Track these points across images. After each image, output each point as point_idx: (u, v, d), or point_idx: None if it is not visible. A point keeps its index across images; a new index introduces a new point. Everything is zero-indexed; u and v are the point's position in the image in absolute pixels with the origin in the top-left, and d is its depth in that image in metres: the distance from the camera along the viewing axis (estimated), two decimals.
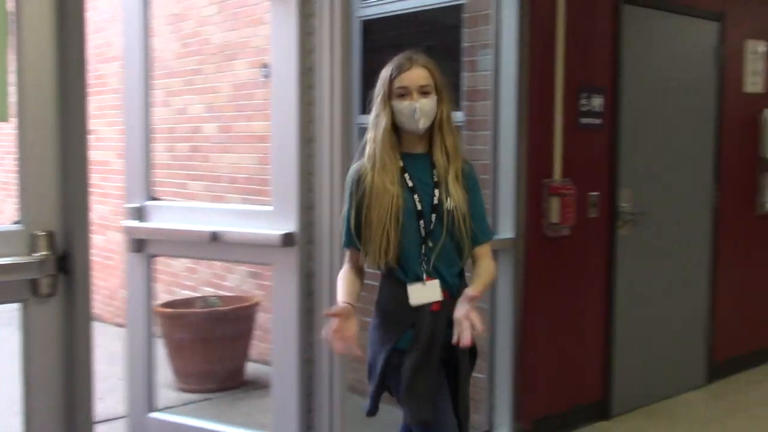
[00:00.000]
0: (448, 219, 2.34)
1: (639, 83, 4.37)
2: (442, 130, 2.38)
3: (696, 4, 4.69)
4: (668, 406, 4.61)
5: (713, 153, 4.87)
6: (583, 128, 4.10)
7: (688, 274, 4.84)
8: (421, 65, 2.37)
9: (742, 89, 5.05)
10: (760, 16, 5.16)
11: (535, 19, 3.83)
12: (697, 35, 4.75)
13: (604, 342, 4.33)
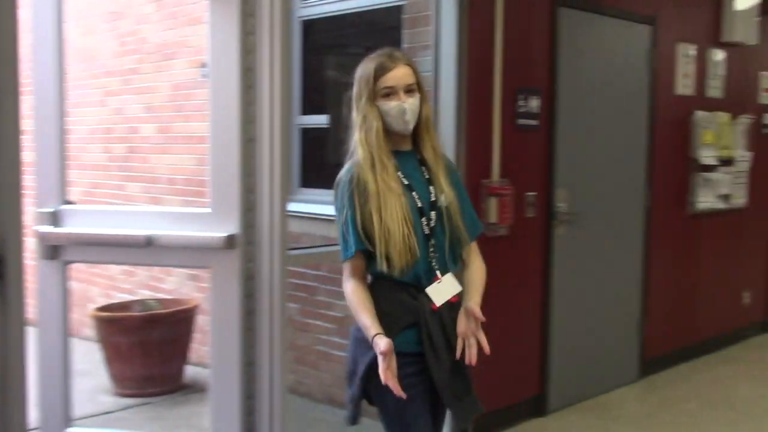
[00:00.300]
0: (447, 215, 2.30)
1: (575, 85, 4.46)
2: (428, 128, 2.36)
3: (629, 7, 4.81)
4: (603, 401, 4.72)
5: (646, 153, 4.99)
6: (520, 129, 4.17)
7: (622, 272, 4.96)
8: (405, 63, 2.31)
9: (673, 91, 5.19)
10: (691, 20, 5.32)
11: (474, 21, 3.87)
12: (631, 38, 4.87)
13: (541, 339, 4.41)
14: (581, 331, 4.65)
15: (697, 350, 5.59)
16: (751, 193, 5.95)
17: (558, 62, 4.32)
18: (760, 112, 6.06)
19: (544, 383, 4.43)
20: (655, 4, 5.00)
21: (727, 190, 5.66)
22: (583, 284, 4.64)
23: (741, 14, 5.54)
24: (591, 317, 4.71)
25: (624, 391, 4.91)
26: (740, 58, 5.78)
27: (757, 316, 6.28)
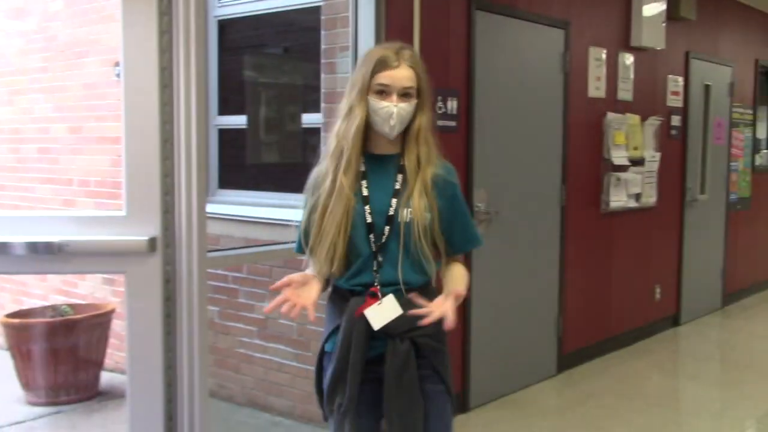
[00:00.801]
0: (406, 231, 2.11)
1: (491, 87, 4.53)
2: (417, 138, 2.17)
3: (543, 12, 4.92)
4: (523, 396, 4.81)
5: (561, 154, 5.12)
6: (439, 130, 4.19)
7: (539, 269, 5.07)
8: (409, 65, 2.15)
9: (586, 94, 5.33)
10: (602, 25, 5.47)
11: (391, 22, 3.90)
12: (545, 42, 4.99)
13: (461, 338, 4.46)
14: (501, 329, 4.73)
15: (611, 344, 5.76)
16: (661, 192, 6.17)
17: (475, 65, 4.38)
18: (668, 114, 6.28)
19: (465, 380, 4.49)
20: (568, 9, 5.12)
21: (638, 190, 5.85)
22: (501, 282, 4.72)
23: (649, 20, 5.74)
24: (510, 314, 4.80)
25: (543, 385, 5.02)
26: (649, 62, 5.99)
27: (668, 310, 6.51)
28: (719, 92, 7.05)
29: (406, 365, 2.12)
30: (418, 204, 2.12)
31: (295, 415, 4.37)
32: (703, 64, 6.77)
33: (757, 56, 7.79)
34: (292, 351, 4.38)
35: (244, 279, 4.55)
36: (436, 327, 2.09)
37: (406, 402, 2.11)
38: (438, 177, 2.18)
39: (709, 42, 6.90)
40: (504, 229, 4.66)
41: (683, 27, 6.38)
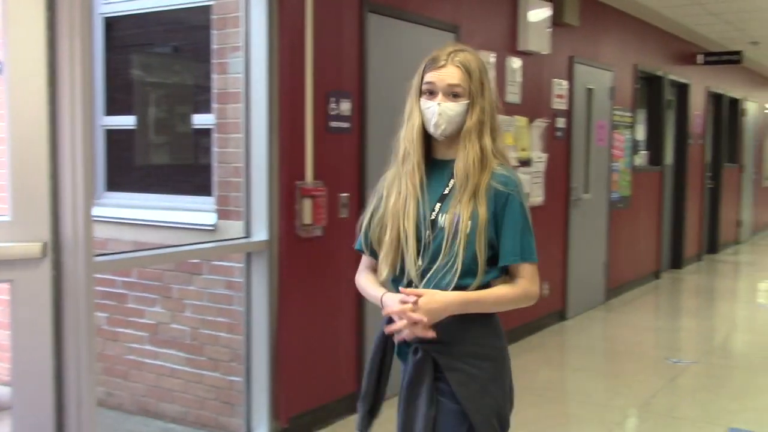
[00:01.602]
0: (446, 238, 2.04)
1: (384, 89, 4.57)
2: (466, 140, 2.07)
3: (434, 15, 5.00)
4: None
5: None
6: (332, 132, 4.22)
7: None
8: (458, 63, 2.09)
9: None
10: (491, 30, 5.62)
11: (284, 23, 3.88)
12: (436, 45, 5.02)
13: (357, 336, 4.49)
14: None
15: None
16: (547, 192, 6.38)
17: (367, 66, 4.42)
18: (553, 116, 6.51)
19: (360, 380, 4.51)
20: (457, 14, 5.24)
21: (526, 189, 6.04)
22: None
23: (535, 25, 5.94)
24: None
25: None
26: (535, 66, 6.19)
27: (555, 305, 6.74)
28: (601, 96, 7.36)
29: (417, 379, 2.12)
30: (466, 210, 2.03)
31: (188, 421, 4.30)
32: (586, 69, 7.05)
33: (635, 62, 8.18)
34: (185, 356, 4.31)
35: (133, 283, 4.43)
36: (467, 347, 2.08)
37: (411, 415, 2.13)
38: (490, 186, 2.07)
39: (592, 47, 7.19)
40: None
41: (567, 33, 6.62)
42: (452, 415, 2.08)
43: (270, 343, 3.94)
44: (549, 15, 6.11)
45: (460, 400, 2.07)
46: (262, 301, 3.93)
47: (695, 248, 10.52)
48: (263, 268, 3.91)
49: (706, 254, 11.02)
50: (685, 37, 9.54)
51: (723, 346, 6.52)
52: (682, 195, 9.85)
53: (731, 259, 11.24)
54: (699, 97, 10.30)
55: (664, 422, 4.46)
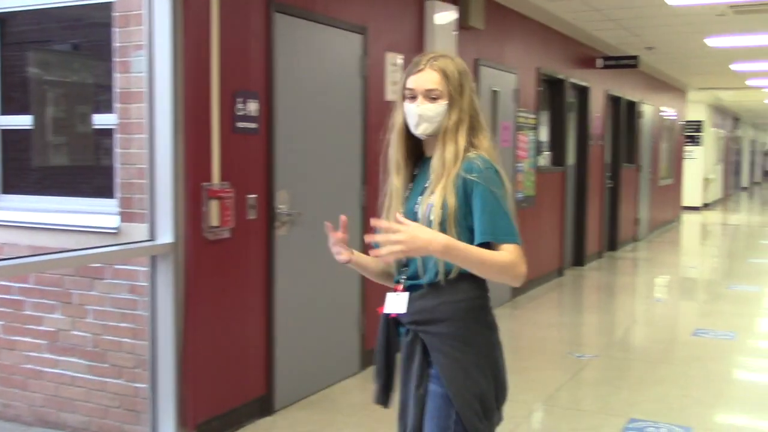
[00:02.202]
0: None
1: (292, 89, 4.56)
2: (444, 139, 2.22)
3: (341, 17, 5.01)
4: (328, 394, 4.88)
5: (361, 156, 5.24)
6: (240, 132, 4.18)
7: (342, 268, 5.11)
8: (437, 68, 2.22)
9: (384, 97, 5.50)
10: (398, 31, 5.66)
11: (188, 22, 3.82)
12: (344, 46, 5.08)
13: (266, 339, 4.45)
14: (305, 329, 4.77)
15: None
16: None
17: (275, 67, 4.39)
18: None
19: (269, 382, 4.48)
20: (365, 15, 5.26)
21: None
22: (305, 282, 4.76)
23: (441, 28, 6.01)
24: (314, 314, 4.85)
25: (348, 383, 5.12)
26: None
27: None
28: (505, 97, 7.52)
29: (410, 357, 2.26)
30: (436, 200, 2.17)
31: (90, 431, 4.17)
32: (491, 71, 7.19)
33: (538, 65, 8.39)
34: (87, 363, 4.18)
35: (31, 290, 4.27)
36: (450, 327, 2.20)
37: (406, 392, 2.29)
38: (458, 175, 2.18)
39: (496, 50, 7.34)
40: (307, 230, 4.70)
41: (472, 36, 6.74)
42: (441, 398, 2.20)
43: (176, 347, 3.87)
44: (455, 18, 6.20)
45: (443, 381, 2.19)
46: (167, 305, 3.85)
47: (596, 246, 10.87)
48: (169, 271, 3.84)
49: (607, 251, 11.41)
50: (585, 41, 9.86)
51: (623, 340, 6.76)
52: (583, 194, 10.17)
53: (630, 256, 11.67)
54: (599, 100, 10.65)
55: (569, 415, 4.60)
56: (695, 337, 6.53)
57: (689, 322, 7.48)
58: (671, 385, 5.18)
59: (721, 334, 6.58)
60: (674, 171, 16.42)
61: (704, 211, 20.12)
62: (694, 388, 5.14)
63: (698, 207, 19.94)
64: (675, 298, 9.01)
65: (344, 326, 5.19)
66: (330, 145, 4.96)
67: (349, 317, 5.24)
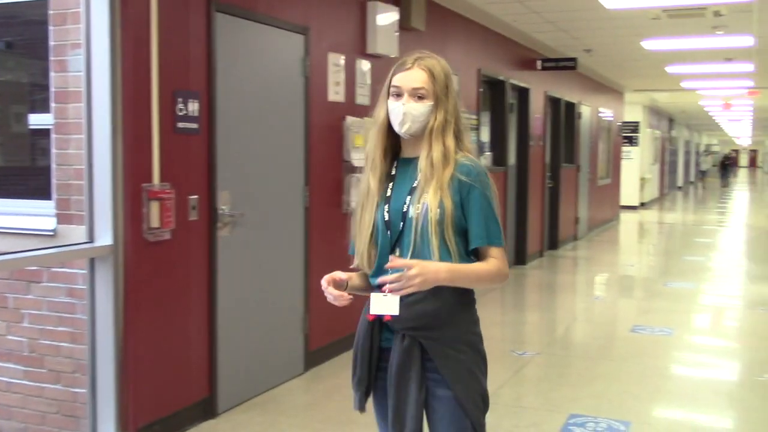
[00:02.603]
0: (417, 227, 2.18)
1: (234, 89, 4.52)
2: (431, 139, 2.22)
3: (283, 17, 4.99)
4: (272, 395, 4.85)
5: (304, 156, 5.23)
6: (180, 132, 4.13)
7: (285, 269, 5.14)
8: (424, 67, 2.24)
9: (326, 98, 5.49)
10: (340, 32, 5.67)
11: (127, 21, 3.76)
12: (286, 46, 5.07)
13: (209, 341, 4.41)
14: (248, 330, 4.74)
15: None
16: None
17: (216, 67, 4.35)
18: None
19: (212, 385, 4.44)
20: (307, 16, 5.25)
21: None
22: (248, 283, 4.73)
23: (383, 29, 6.04)
24: (257, 315, 4.82)
25: (291, 384, 5.10)
26: (384, 69, 6.25)
27: None
28: None
29: (405, 364, 2.20)
30: (431, 200, 2.16)
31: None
32: None
33: (479, 66, 8.49)
34: (23, 369, 4.09)
35: None
36: (450, 331, 2.21)
37: (402, 399, 2.20)
38: (454, 177, 2.20)
39: (438, 51, 7.28)
40: (250, 231, 4.67)
41: (414, 36, 6.78)
42: (449, 401, 2.21)
43: (116, 351, 3.81)
44: (396, 19, 6.23)
45: (450, 385, 2.20)
46: (107, 308, 3.79)
47: (537, 245, 11.04)
48: (108, 274, 3.77)
49: (548, 250, 11.59)
50: (525, 43, 10.00)
51: (564, 338, 6.88)
52: (524, 194, 10.31)
53: (570, 255, 11.88)
54: (539, 101, 10.82)
55: (511, 412, 4.66)
56: (633, 333, 6.68)
57: (628, 319, 7.65)
58: (610, 380, 5.30)
59: (659, 330, 6.75)
60: (612, 171, 16.77)
61: (641, 210, 20.59)
62: (632, 383, 5.26)
63: (635, 206, 20.39)
64: (614, 295, 9.21)
65: (288, 327, 5.17)
66: (272, 145, 4.93)
67: (293, 318, 5.22)
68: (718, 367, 5.85)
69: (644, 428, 4.42)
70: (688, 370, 5.84)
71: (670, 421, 4.71)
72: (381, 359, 2.30)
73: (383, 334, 2.28)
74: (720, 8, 7.89)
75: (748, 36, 9.56)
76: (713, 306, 8.29)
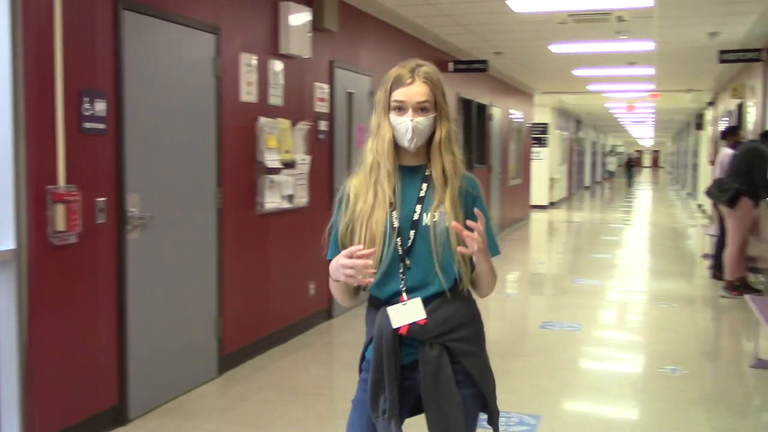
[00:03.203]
0: (433, 234, 2.19)
1: (143, 89, 4.43)
2: (440, 149, 2.25)
3: (193, 16, 4.92)
4: (185, 401, 4.78)
5: (216, 157, 5.16)
6: (86, 132, 4.02)
7: (197, 272, 5.07)
8: (423, 80, 2.24)
9: (239, 98, 5.44)
10: (252, 32, 5.62)
11: (29, 18, 3.64)
12: (196, 46, 4.99)
13: (118, 346, 4.31)
14: (160, 335, 4.65)
15: (271, 341, 5.95)
16: (312, 193, 6.50)
17: (124, 66, 4.26)
18: (315, 119, 6.64)
19: (123, 391, 4.34)
20: (218, 15, 5.19)
21: (291, 191, 6.11)
22: (159, 287, 4.64)
23: (295, 29, 6.02)
24: (169, 320, 4.73)
25: (205, 388, 5.03)
26: (297, 69, 6.28)
27: (321, 304, 6.88)
28: (361, 99, 7.62)
29: (439, 370, 2.18)
30: (449, 210, 2.20)
31: None
32: (346, 73, 7.26)
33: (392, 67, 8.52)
34: None
35: None
36: (470, 330, 2.25)
37: (444, 404, 2.17)
38: (462, 189, 2.26)
39: (351, 52, 7.42)
40: (161, 233, 4.59)
41: (327, 37, 6.79)
42: (469, 399, 2.25)
43: (20, 358, 3.68)
44: (309, 20, 6.22)
45: (477, 382, 2.24)
46: (9, 315, 3.65)
47: None
48: (11, 279, 3.64)
49: None
50: (437, 45, 10.14)
51: None
52: None
53: None
54: (451, 103, 10.91)
55: None
56: (543, 329, 6.86)
57: (538, 316, 7.85)
58: (522, 376, 5.42)
59: (567, 326, 6.95)
60: (523, 171, 17.15)
61: (551, 209, 21.13)
62: (542, 378, 5.40)
63: (545, 206, 20.91)
64: (525, 292, 9.43)
65: (201, 331, 5.10)
66: (184, 146, 4.86)
67: (206, 322, 5.15)
68: (623, 360, 6.06)
69: (554, 421, 4.54)
70: (595, 364, 6.03)
71: (579, 413, 4.86)
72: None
73: (403, 350, 2.23)
74: (623, 14, 8.18)
75: (649, 41, 9.94)
76: (618, 301, 8.59)
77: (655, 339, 6.70)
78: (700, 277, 10.22)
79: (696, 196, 22.17)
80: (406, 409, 2.27)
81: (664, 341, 6.55)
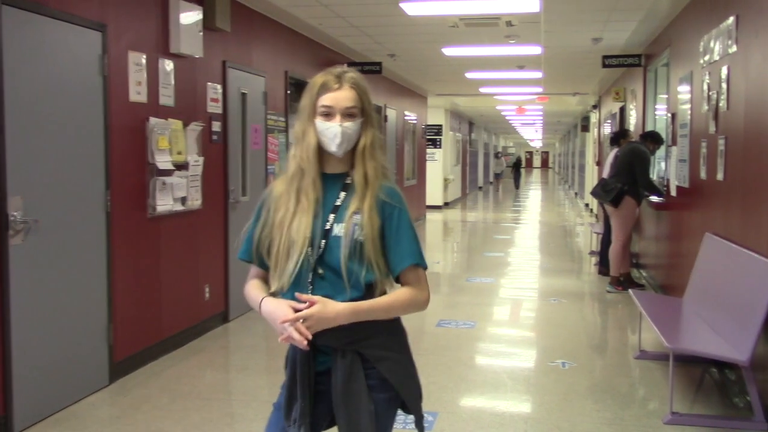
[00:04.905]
0: (345, 246, 2.16)
1: (26, 88, 4.26)
2: (364, 156, 2.24)
3: (77, 12, 4.75)
4: (74, 410, 4.62)
5: (104, 159, 5.00)
6: None
7: (86, 278, 4.90)
8: (350, 86, 2.23)
9: (128, 98, 5.29)
10: (141, 30, 5.48)
11: None
12: (81, 43, 4.83)
13: (2, 356, 4.13)
14: (47, 343, 4.47)
15: (165, 347, 5.81)
16: (206, 195, 6.39)
17: (4, 64, 4.07)
18: (209, 119, 6.53)
19: (7, 402, 4.15)
20: (104, 12, 5.03)
21: (184, 193, 5.99)
22: (45, 294, 4.46)
23: (186, 28, 5.91)
24: (56, 327, 4.56)
25: (96, 397, 4.87)
26: (188, 69, 6.16)
27: (217, 308, 6.78)
28: (255, 100, 7.55)
29: (351, 377, 2.17)
30: (366, 219, 2.18)
31: None
32: (239, 74, 7.18)
33: (286, 68, 8.51)
34: None
35: None
36: (384, 336, 2.23)
37: (354, 412, 2.16)
38: (379, 198, 2.23)
39: (244, 53, 7.34)
40: (46, 238, 4.41)
41: (219, 37, 6.69)
42: (383, 404, 2.23)
43: None
44: (200, 18, 6.12)
45: (394, 386, 2.23)
46: None
47: None
48: None
49: None
50: (332, 47, 10.15)
51: None
52: None
53: None
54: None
55: None
56: (439, 327, 6.97)
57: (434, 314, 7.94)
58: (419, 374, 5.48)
59: (462, 323, 7.09)
60: (418, 172, 17.38)
61: (446, 209, 21.49)
62: (439, 375, 5.48)
63: (440, 206, 21.25)
64: None
65: (91, 338, 4.94)
66: (70, 147, 4.69)
67: (96, 328, 4.99)
68: (516, 356, 6.22)
69: (451, 417, 4.62)
70: (489, 360, 6.17)
71: (475, 409, 4.96)
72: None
73: (317, 357, 2.22)
74: (512, 18, 8.41)
75: (536, 45, 10.25)
76: (511, 298, 8.81)
77: (546, 334, 6.92)
78: (587, 273, 10.62)
79: (583, 196, 23.02)
80: (322, 416, 2.26)
81: (554, 336, 6.77)
